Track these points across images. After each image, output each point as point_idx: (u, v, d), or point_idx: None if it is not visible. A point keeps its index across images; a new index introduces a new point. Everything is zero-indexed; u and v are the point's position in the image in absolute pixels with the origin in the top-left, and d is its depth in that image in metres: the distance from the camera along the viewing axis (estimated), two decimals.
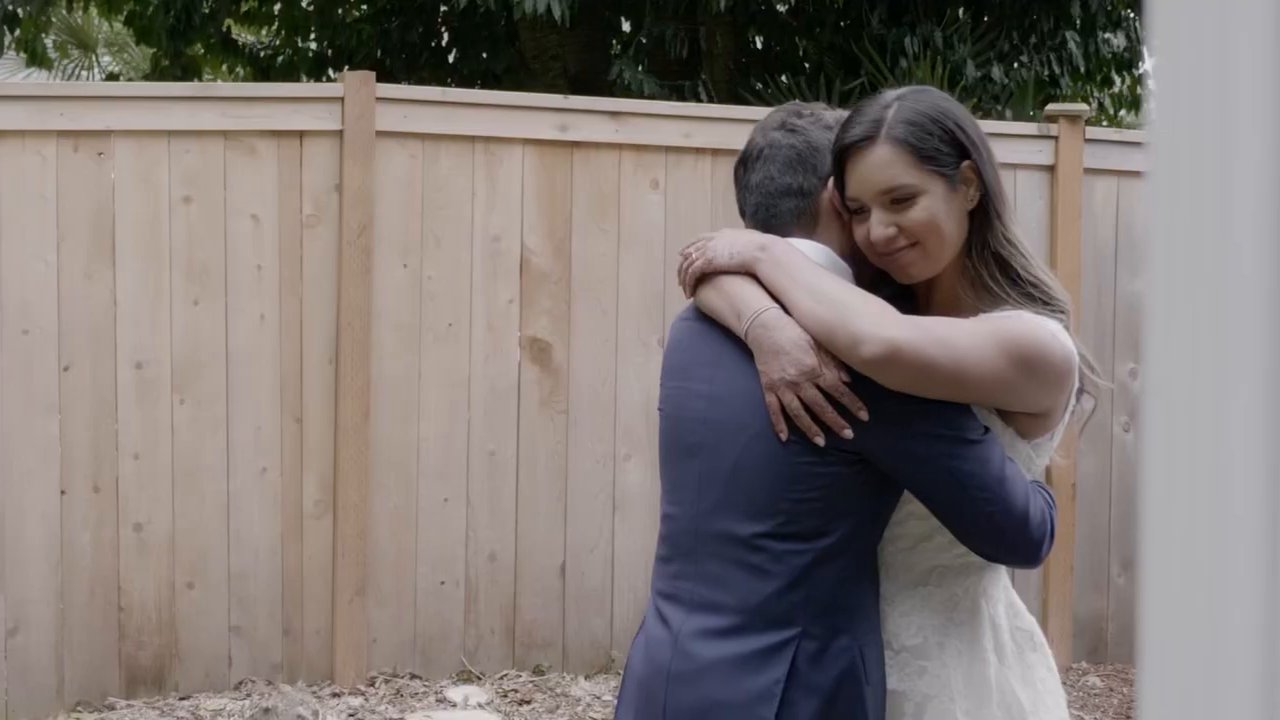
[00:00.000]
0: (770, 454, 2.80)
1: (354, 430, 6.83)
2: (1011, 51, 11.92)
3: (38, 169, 6.42)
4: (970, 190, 2.84)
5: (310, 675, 6.86)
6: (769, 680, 2.77)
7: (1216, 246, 0.80)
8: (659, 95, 11.11)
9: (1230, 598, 0.80)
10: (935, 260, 2.84)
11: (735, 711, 2.79)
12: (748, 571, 2.82)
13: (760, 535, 2.80)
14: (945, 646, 2.89)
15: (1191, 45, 0.82)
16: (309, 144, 6.84)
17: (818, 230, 2.94)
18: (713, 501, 2.88)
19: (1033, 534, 2.75)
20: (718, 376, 2.93)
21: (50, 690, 6.48)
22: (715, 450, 2.89)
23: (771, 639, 2.79)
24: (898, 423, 2.74)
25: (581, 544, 7.23)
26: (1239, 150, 0.80)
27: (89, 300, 6.50)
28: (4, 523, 6.37)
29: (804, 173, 2.95)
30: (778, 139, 2.98)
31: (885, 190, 2.80)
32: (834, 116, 3.01)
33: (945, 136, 2.82)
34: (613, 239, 7.25)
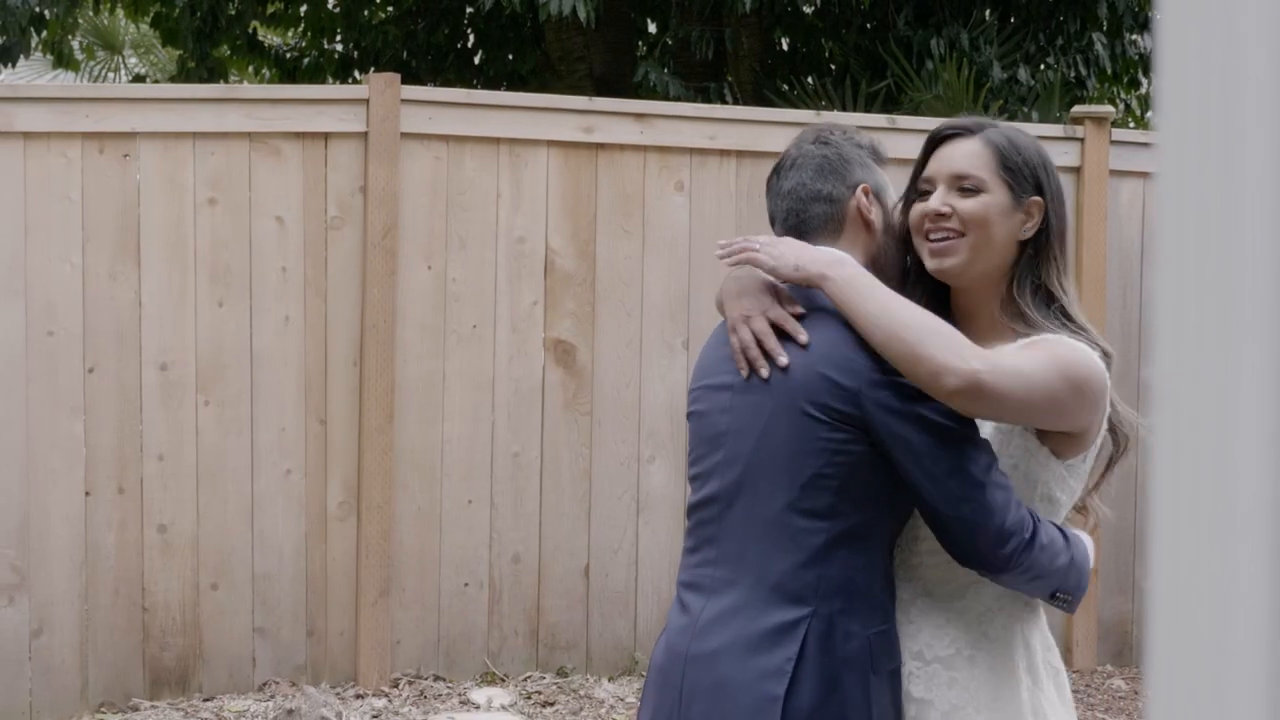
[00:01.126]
0: (787, 427, 2.93)
1: (378, 432, 6.83)
2: (1038, 53, 11.89)
3: (63, 170, 6.44)
4: (1029, 223, 2.99)
5: (334, 677, 6.87)
6: (781, 658, 2.87)
7: (1224, 250, 0.80)
8: (684, 97, 11.10)
9: (1235, 598, 0.81)
10: (971, 257, 2.98)
11: (747, 688, 2.89)
12: (766, 547, 2.93)
13: (778, 510, 2.92)
14: (976, 660, 2.94)
15: (1199, 50, 0.82)
16: (334, 146, 6.84)
17: (843, 237, 3.09)
18: (735, 483, 3.00)
19: (1003, 546, 2.81)
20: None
21: (74, 691, 6.49)
22: (739, 434, 3.01)
23: (785, 616, 2.89)
24: (892, 402, 2.85)
25: (605, 545, 7.23)
26: (1246, 154, 0.80)
27: (114, 302, 6.52)
28: (29, 524, 6.38)
29: (834, 180, 3.11)
30: (810, 150, 3.16)
31: (959, 174, 2.99)
32: (867, 138, 3.20)
33: (1030, 165, 3.02)
34: (637, 241, 7.25)
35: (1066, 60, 11.91)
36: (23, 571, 6.38)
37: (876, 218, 3.10)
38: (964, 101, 10.11)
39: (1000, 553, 2.81)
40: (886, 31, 11.87)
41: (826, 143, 3.15)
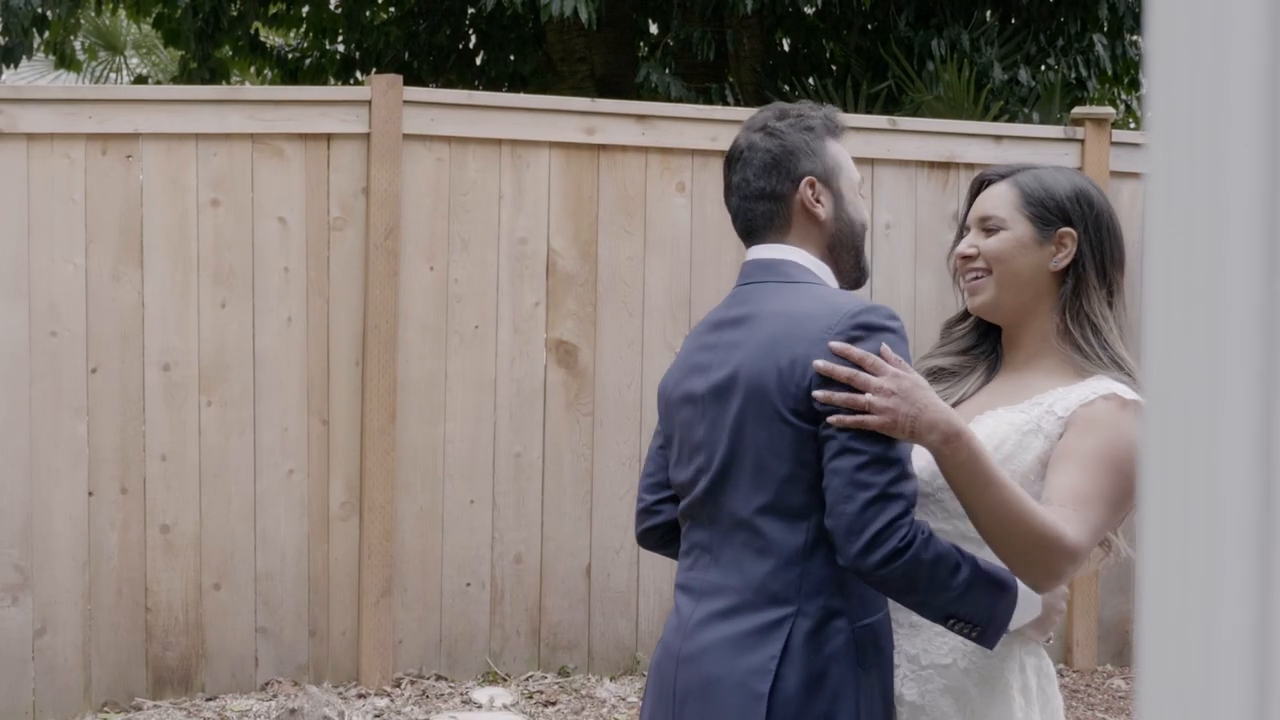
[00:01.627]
0: (754, 431, 2.95)
1: (380, 432, 6.85)
2: (1039, 54, 11.91)
3: (66, 171, 6.46)
4: (1061, 253, 3.11)
5: (336, 676, 6.89)
6: (765, 656, 2.90)
7: (1211, 251, 0.82)
8: (685, 98, 11.12)
9: (1222, 596, 0.81)
10: (1000, 292, 3.11)
11: (733, 686, 2.92)
12: (750, 551, 2.96)
13: (757, 512, 2.94)
14: (970, 674, 3.00)
15: (1187, 53, 0.83)
16: (336, 147, 6.86)
17: (791, 233, 3.11)
18: (715, 489, 3.03)
19: (858, 541, 2.80)
20: (713, 365, 3.08)
21: (78, 690, 6.51)
22: (713, 440, 3.04)
23: (769, 616, 2.91)
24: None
25: (607, 545, 7.25)
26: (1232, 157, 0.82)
27: (117, 302, 6.53)
28: (32, 524, 6.40)
29: (778, 177, 3.10)
30: (756, 141, 3.13)
31: (983, 217, 3.15)
32: (821, 116, 3.16)
33: (1055, 198, 3.13)
34: (639, 242, 7.27)
35: (1067, 61, 11.92)
36: (26, 571, 6.39)
37: (825, 208, 3.10)
38: (965, 102, 10.13)
39: (866, 559, 2.79)
40: (887, 32, 11.89)
41: (772, 133, 3.12)
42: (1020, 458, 2.99)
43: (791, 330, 2.95)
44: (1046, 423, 2.99)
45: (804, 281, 3.06)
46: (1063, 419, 2.98)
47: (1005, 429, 3.01)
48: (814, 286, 3.05)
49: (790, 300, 3.02)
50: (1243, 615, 0.80)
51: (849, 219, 3.14)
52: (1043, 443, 2.99)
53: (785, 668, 2.88)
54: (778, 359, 2.93)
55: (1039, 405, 3.02)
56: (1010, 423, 3.02)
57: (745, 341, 3.02)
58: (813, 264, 3.09)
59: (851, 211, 3.14)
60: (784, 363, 2.92)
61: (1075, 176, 3.20)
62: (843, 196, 3.13)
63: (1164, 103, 0.85)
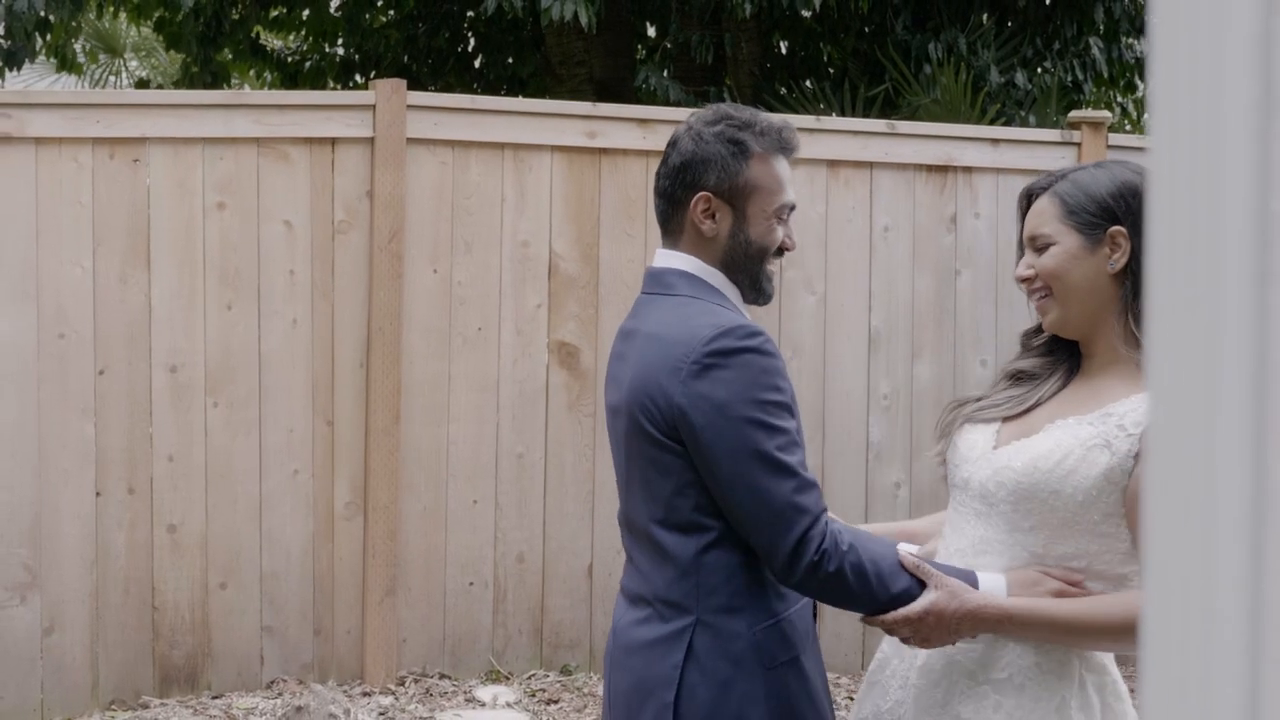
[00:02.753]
0: (638, 448, 3.01)
1: (384, 433, 6.91)
2: (1035, 57, 11.96)
3: (74, 175, 6.51)
4: (1116, 253, 3.03)
5: (341, 675, 6.95)
6: (669, 665, 2.97)
7: (1211, 253, 0.85)
8: (684, 101, 11.17)
9: (1220, 596, 0.85)
10: (1064, 308, 3.07)
11: (646, 694, 3.00)
12: (654, 561, 3.02)
13: (653, 523, 3.01)
14: (1025, 690, 2.98)
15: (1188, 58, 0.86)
16: (341, 151, 6.92)
17: (683, 240, 3.09)
18: (625, 503, 3.14)
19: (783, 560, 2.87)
20: (613, 381, 3.15)
21: (85, 689, 6.57)
22: (616, 457, 3.16)
23: (672, 626, 2.98)
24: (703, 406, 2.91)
25: (608, 545, 7.30)
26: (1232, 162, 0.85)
27: (124, 304, 6.59)
28: (40, 524, 6.46)
29: (679, 183, 3.08)
30: (679, 138, 3.12)
31: (1032, 236, 3.10)
32: (759, 131, 3.08)
33: (1097, 200, 3.05)
34: (640, 245, 7.33)
35: (1063, 64, 11.97)
36: (34, 571, 6.45)
37: (718, 226, 3.06)
38: (961, 105, 10.19)
39: (790, 569, 2.88)
40: (885, 36, 11.95)
41: (695, 136, 3.08)
42: (1083, 473, 2.93)
43: (658, 357, 2.97)
44: (1116, 439, 2.93)
45: (684, 295, 3.04)
46: (1134, 435, 2.92)
47: (1070, 443, 2.96)
48: (691, 302, 3.03)
49: (664, 320, 3.01)
50: (1238, 604, 0.84)
51: (747, 241, 3.06)
52: (1109, 459, 2.92)
53: (690, 676, 2.94)
54: (647, 386, 2.96)
55: (1109, 418, 2.96)
56: (1075, 436, 2.97)
57: (629, 360, 3.06)
58: (705, 273, 3.07)
59: (754, 234, 3.07)
60: (652, 390, 2.95)
61: (1118, 170, 3.10)
62: (746, 218, 3.06)
63: (1165, 107, 0.87)
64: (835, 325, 7.49)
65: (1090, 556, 2.96)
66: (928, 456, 3.72)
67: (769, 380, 2.92)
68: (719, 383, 2.89)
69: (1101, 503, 2.93)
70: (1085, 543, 2.96)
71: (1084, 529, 2.95)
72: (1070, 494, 2.93)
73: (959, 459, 3.14)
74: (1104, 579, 2.97)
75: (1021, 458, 2.98)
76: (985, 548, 3.04)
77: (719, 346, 2.91)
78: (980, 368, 7.69)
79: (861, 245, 7.56)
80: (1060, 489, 2.93)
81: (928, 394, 7.66)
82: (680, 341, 2.94)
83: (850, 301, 7.49)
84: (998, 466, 3.01)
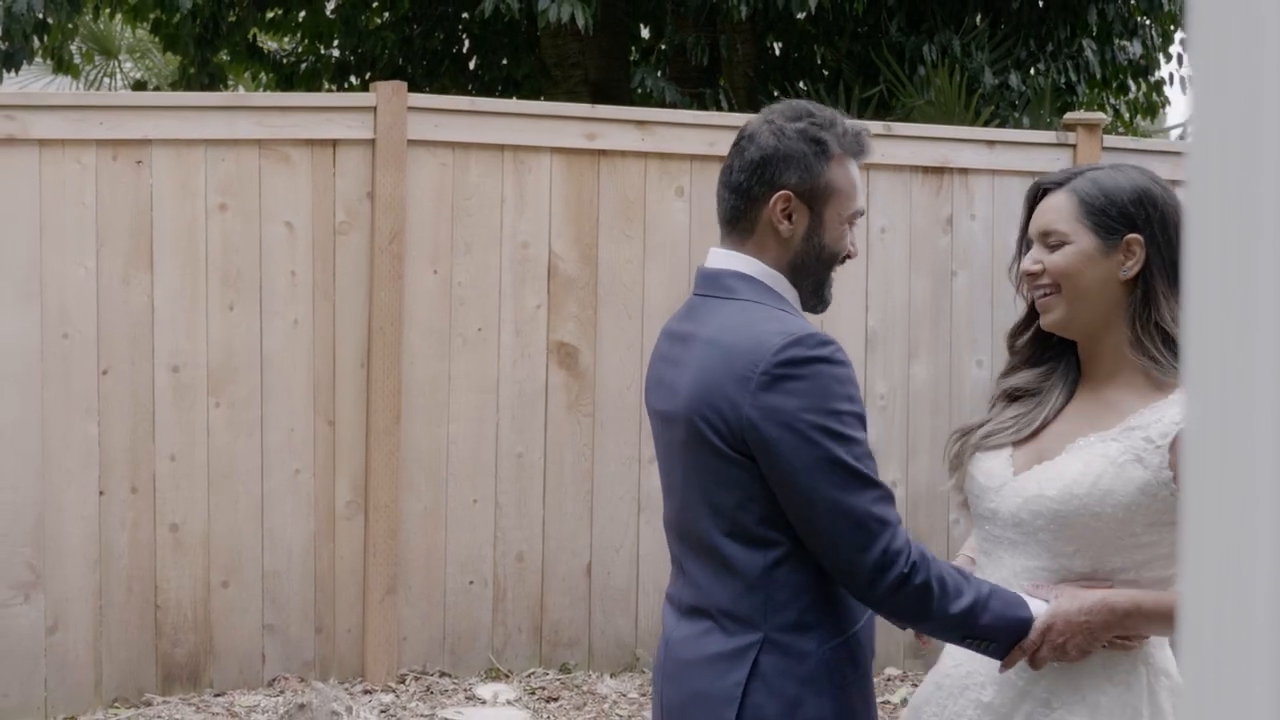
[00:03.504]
0: (698, 460, 2.90)
1: (385, 433, 6.95)
2: (1028, 59, 12.01)
3: (78, 176, 6.55)
4: (1130, 261, 2.99)
5: (342, 673, 6.99)
6: (731, 683, 2.87)
7: (1247, 257, 0.86)
8: (679, 102, 11.21)
9: (1255, 598, 0.86)
10: (1071, 308, 3.02)
11: (705, 710, 2.91)
12: (717, 573, 2.91)
13: (714, 540, 2.90)
14: (1099, 707, 2.95)
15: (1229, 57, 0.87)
16: (342, 152, 6.96)
17: (751, 240, 2.96)
18: (679, 512, 3.01)
19: (867, 575, 2.79)
20: (666, 385, 3.02)
21: (89, 687, 6.61)
22: (669, 466, 3.03)
23: (736, 642, 2.88)
24: (776, 418, 2.80)
25: (607, 544, 7.35)
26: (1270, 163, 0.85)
27: (127, 305, 6.62)
28: (44, 523, 6.49)
29: (757, 179, 2.94)
30: (757, 132, 2.98)
31: (1045, 231, 3.04)
32: (841, 133, 2.97)
33: (1117, 204, 3.00)
34: (639, 246, 7.37)
35: (1057, 66, 12.02)
36: (38, 569, 6.49)
37: (794, 227, 2.95)
38: (955, 107, 10.24)
39: (874, 585, 2.80)
40: (879, 38, 11.99)
41: (776, 131, 2.95)
42: (1120, 490, 2.91)
43: (721, 365, 2.86)
44: (1146, 453, 2.91)
45: (745, 299, 2.93)
46: (1161, 447, 2.90)
47: (1101, 463, 2.94)
48: (754, 307, 2.92)
49: (726, 325, 2.91)
50: (1272, 616, 0.85)
51: (819, 246, 2.97)
52: (1144, 473, 2.91)
53: (755, 695, 2.85)
54: (710, 395, 2.86)
55: (1133, 432, 2.94)
56: (1105, 455, 2.94)
57: (687, 366, 2.94)
58: (766, 276, 2.96)
59: (827, 239, 2.97)
60: (716, 400, 2.85)
61: (1136, 175, 3.06)
62: (822, 222, 2.96)
63: (1206, 109, 0.88)
64: (832, 326, 7.53)
65: (1138, 567, 2.95)
66: (944, 489, 3.64)
67: (842, 390, 2.83)
68: (792, 394, 2.79)
69: (1141, 515, 2.91)
70: (1130, 555, 2.95)
71: (1128, 543, 2.94)
72: (1111, 514, 2.91)
73: (979, 490, 3.10)
74: (1151, 585, 2.96)
75: (1055, 485, 2.95)
76: (1031, 576, 3.00)
77: (790, 356, 2.80)
78: (976, 368, 7.74)
79: (858, 246, 7.59)
80: (1100, 510, 2.92)
81: (924, 394, 7.71)
82: (747, 350, 2.83)
83: (847, 302, 7.54)
84: (1028, 496, 2.97)
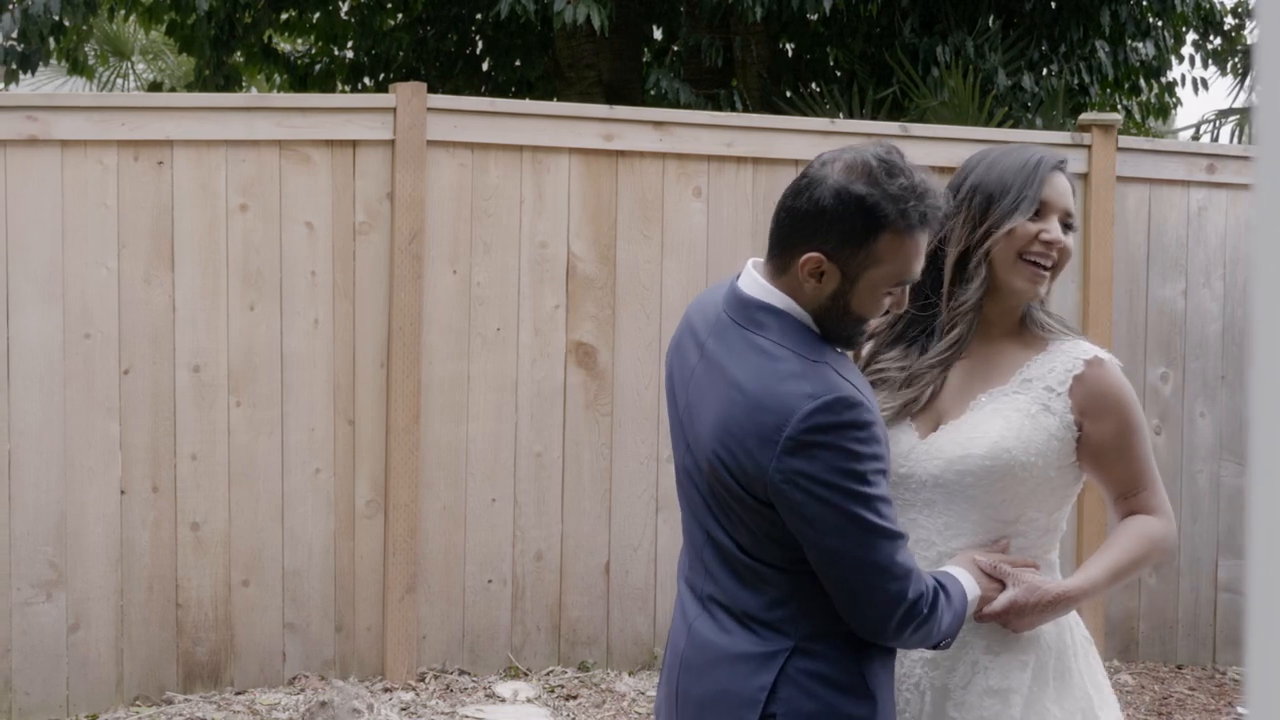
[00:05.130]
0: (721, 493, 2.90)
1: (405, 432, 6.98)
2: (1041, 60, 12.04)
3: (99, 177, 6.58)
4: None
5: (362, 671, 7.01)
6: (755, 686, 2.88)
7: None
8: (694, 103, 11.24)
9: None
10: (1050, 285, 3.22)
11: (725, 709, 2.93)
12: (740, 580, 2.93)
13: (742, 555, 2.92)
14: (1038, 640, 3.18)
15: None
16: (361, 153, 6.99)
17: (785, 279, 2.90)
18: (700, 522, 3.00)
19: (896, 625, 2.86)
20: (691, 397, 3.00)
21: (110, 685, 6.64)
22: (687, 484, 3.03)
23: (764, 647, 2.90)
24: (799, 481, 2.80)
25: (625, 543, 7.38)
26: None
27: (149, 305, 6.66)
28: (66, 522, 6.53)
29: (799, 228, 2.86)
30: (822, 180, 2.85)
31: (1069, 211, 3.20)
32: (907, 208, 2.82)
33: None
34: (656, 246, 7.40)
35: (1070, 67, 12.05)
36: (60, 568, 6.52)
37: (820, 286, 2.87)
38: (969, 108, 10.26)
39: (900, 631, 2.88)
40: (892, 39, 12.02)
41: (839, 188, 2.82)
42: (1039, 439, 3.12)
43: (745, 418, 2.83)
44: (1051, 401, 3.13)
45: (773, 340, 2.87)
46: (1062, 394, 3.14)
47: (1018, 417, 3.13)
48: (780, 353, 2.86)
49: (753, 372, 2.86)
50: None
51: (845, 309, 2.89)
52: (1053, 420, 3.13)
53: (784, 697, 2.87)
54: (731, 445, 2.84)
55: (1032, 384, 3.16)
56: (1017, 409, 3.14)
57: (711, 401, 2.91)
58: (798, 313, 2.89)
59: (854, 304, 2.88)
60: (738, 452, 2.83)
61: None
62: (854, 288, 2.86)
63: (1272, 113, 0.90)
64: None
65: (1050, 510, 3.19)
66: None
67: (867, 450, 2.80)
68: (815, 459, 2.77)
69: (1054, 458, 3.14)
70: (1045, 498, 3.17)
71: (1045, 488, 3.15)
72: (1034, 461, 3.11)
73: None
74: (1041, 529, 3.19)
75: (981, 444, 3.11)
76: (955, 531, 3.16)
77: (817, 423, 2.77)
78: None
79: None
80: (1027, 460, 3.11)
81: None
82: (773, 410, 2.80)
83: None
84: (951, 458, 3.13)
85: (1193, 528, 8.13)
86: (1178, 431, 8.11)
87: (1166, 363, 8.11)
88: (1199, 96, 15.77)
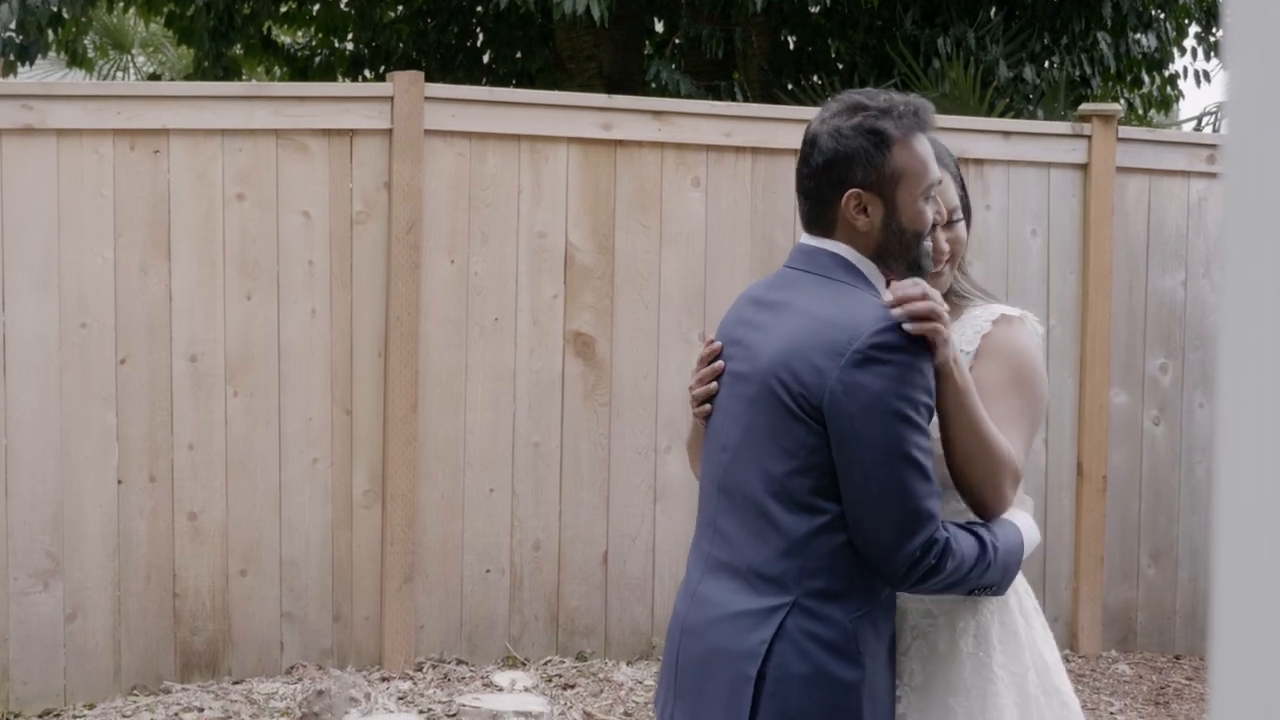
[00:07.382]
0: (765, 419, 3.01)
1: (402, 422, 6.97)
2: (1043, 52, 12.02)
3: (95, 166, 6.57)
4: None
5: (359, 661, 7.01)
6: (755, 640, 2.96)
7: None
8: (694, 95, 11.23)
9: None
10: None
11: (725, 663, 3.00)
12: (751, 533, 3.02)
13: (760, 499, 3.01)
14: (979, 605, 3.19)
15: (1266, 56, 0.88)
16: (359, 142, 6.98)
17: (836, 233, 3.08)
18: (725, 468, 3.10)
19: (902, 563, 2.91)
20: (744, 345, 3.13)
21: (108, 674, 6.63)
22: (727, 421, 3.12)
23: (766, 602, 2.98)
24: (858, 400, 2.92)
25: (623, 533, 7.37)
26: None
27: (145, 295, 6.65)
28: (63, 512, 6.52)
29: (826, 181, 3.06)
30: (819, 137, 3.08)
31: (954, 209, 3.33)
32: (898, 117, 3.05)
33: None
34: (655, 235, 7.39)
35: (1071, 59, 12.03)
36: (58, 558, 6.52)
37: (871, 219, 3.04)
38: (970, 100, 10.25)
39: (898, 573, 2.93)
40: (893, 30, 12.00)
41: (835, 133, 3.04)
42: None
43: (813, 335, 2.96)
44: (964, 361, 3.14)
45: (840, 281, 3.03)
46: (971, 353, 3.21)
47: None
48: (847, 289, 3.03)
49: (822, 300, 3.01)
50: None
51: (899, 229, 3.05)
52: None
53: (778, 655, 2.94)
54: (796, 360, 2.96)
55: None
56: None
57: (773, 331, 3.04)
58: (858, 260, 3.06)
59: (905, 221, 3.05)
60: (800, 365, 2.95)
61: None
62: (896, 206, 3.04)
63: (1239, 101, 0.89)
64: None
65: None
66: None
67: (924, 381, 2.93)
68: (880, 376, 2.90)
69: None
70: None
71: None
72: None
73: None
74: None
75: None
76: None
77: (885, 340, 2.91)
78: None
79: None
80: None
81: None
82: (844, 326, 2.94)
83: None
84: None
85: (1191, 518, 8.12)
86: (1177, 422, 8.11)
87: (1166, 353, 8.10)
88: (1201, 89, 15.73)
